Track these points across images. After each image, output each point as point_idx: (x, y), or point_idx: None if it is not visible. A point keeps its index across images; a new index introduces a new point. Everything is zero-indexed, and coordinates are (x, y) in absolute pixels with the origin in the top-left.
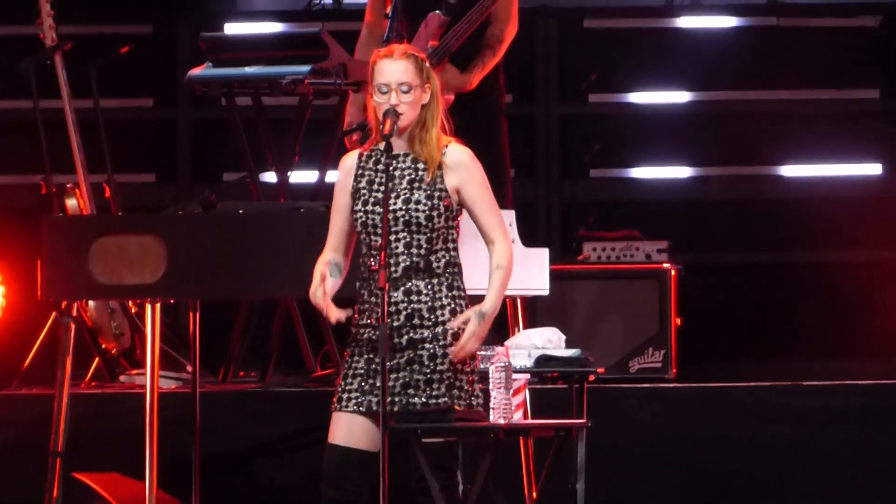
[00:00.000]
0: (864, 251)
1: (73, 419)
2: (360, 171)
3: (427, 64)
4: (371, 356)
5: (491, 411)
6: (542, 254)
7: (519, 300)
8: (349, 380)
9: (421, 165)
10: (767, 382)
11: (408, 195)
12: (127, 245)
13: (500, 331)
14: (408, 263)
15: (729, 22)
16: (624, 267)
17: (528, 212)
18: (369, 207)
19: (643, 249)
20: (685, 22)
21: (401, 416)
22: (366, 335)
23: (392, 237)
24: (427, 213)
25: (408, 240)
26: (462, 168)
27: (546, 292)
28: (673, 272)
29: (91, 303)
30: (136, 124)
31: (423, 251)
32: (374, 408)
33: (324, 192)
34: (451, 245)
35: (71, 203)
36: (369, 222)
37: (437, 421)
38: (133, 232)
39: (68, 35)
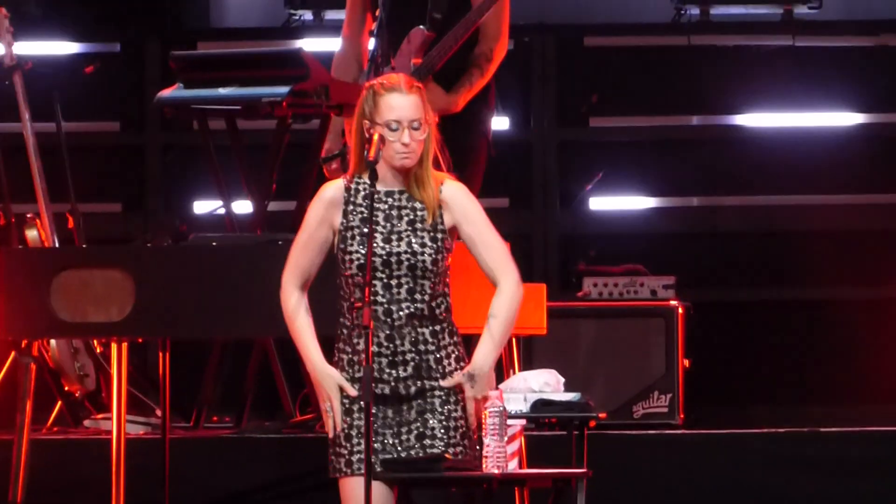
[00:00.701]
0: (887, 288)
1: (33, 467)
2: (349, 207)
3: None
4: (373, 411)
5: (484, 460)
6: (539, 290)
7: (514, 340)
8: (354, 440)
9: (419, 205)
10: (782, 429)
11: (410, 238)
12: (91, 280)
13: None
14: (412, 311)
15: (741, 40)
16: (627, 304)
17: (523, 245)
18: (366, 248)
19: (648, 285)
20: (694, 39)
21: (387, 464)
22: (361, 391)
23: (393, 282)
24: (433, 257)
25: (411, 285)
26: (458, 205)
27: (543, 331)
28: (680, 310)
29: (53, 342)
30: (102, 149)
31: (426, 297)
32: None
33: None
34: (447, 288)
35: (31, 234)
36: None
37: (427, 470)
38: (98, 266)
39: (28, 54)
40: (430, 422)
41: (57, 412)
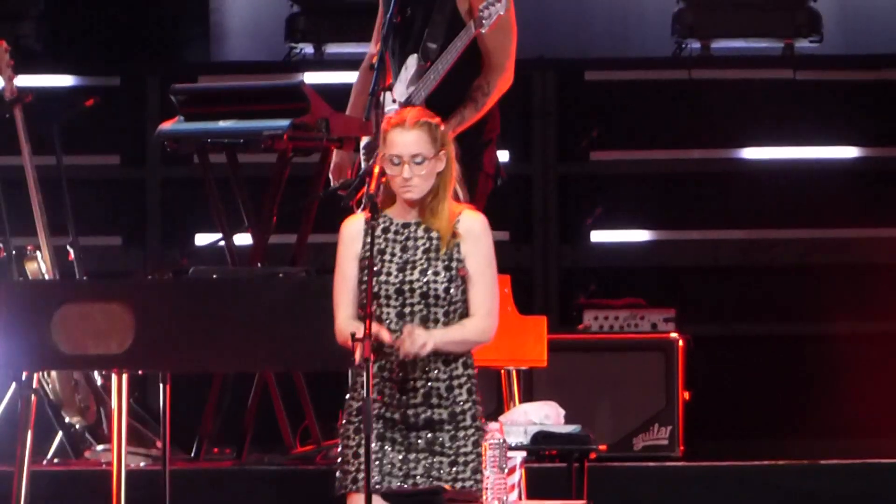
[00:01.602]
0: (889, 322)
1: (33, 498)
2: (367, 239)
3: (442, 129)
4: (382, 432)
5: (484, 492)
6: (540, 323)
7: (514, 372)
8: (361, 458)
9: (434, 234)
10: (781, 461)
11: (424, 266)
12: (92, 313)
13: (494, 405)
14: None
15: (742, 74)
16: (628, 337)
17: (524, 278)
18: (382, 278)
19: (648, 318)
20: (695, 73)
21: (388, 497)
22: (375, 411)
23: (406, 310)
24: (445, 285)
25: (424, 313)
26: (472, 237)
27: (544, 364)
28: (680, 343)
29: (53, 374)
30: (102, 183)
31: (440, 325)
32: (394, 487)
33: (304, 256)
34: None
35: (31, 267)
36: (381, 293)
37: (427, 502)
38: (98, 299)
39: (29, 87)
40: (438, 457)
41: (57, 444)
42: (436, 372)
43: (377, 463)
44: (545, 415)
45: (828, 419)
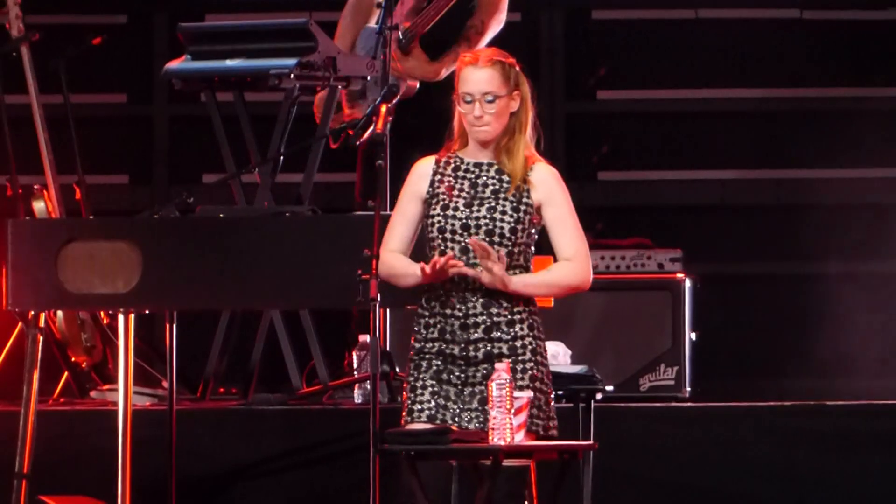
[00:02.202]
0: None
1: (40, 438)
2: (437, 178)
3: (517, 69)
4: (441, 368)
5: (490, 432)
6: (547, 263)
7: None
8: (419, 391)
9: (506, 177)
10: (788, 402)
11: (492, 204)
12: (98, 251)
13: None
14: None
15: (749, 13)
16: (634, 277)
17: None
18: (449, 213)
19: (655, 258)
20: (701, 13)
21: (393, 437)
22: (435, 348)
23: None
24: (512, 225)
25: None
26: (546, 186)
27: (550, 304)
28: (687, 283)
29: (60, 313)
30: (109, 121)
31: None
32: (449, 422)
33: (311, 195)
34: (527, 265)
35: (38, 206)
36: (447, 227)
37: (432, 442)
38: (105, 237)
39: (36, 25)
40: None
41: (63, 383)
42: (498, 307)
43: (433, 395)
44: (552, 355)
45: (835, 359)
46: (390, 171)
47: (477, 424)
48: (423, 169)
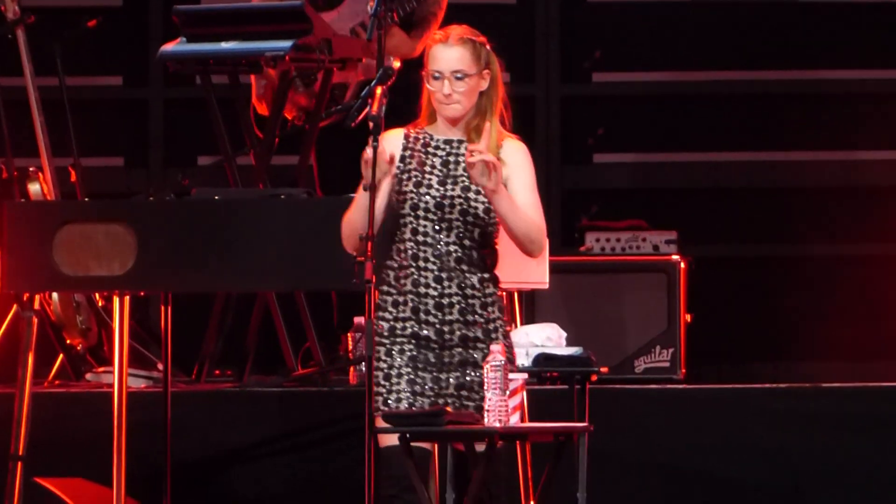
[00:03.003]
0: (891, 244)
1: (35, 420)
2: (407, 153)
3: (487, 48)
4: (415, 353)
5: (485, 414)
6: None
7: (516, 295)
8: (394, 379)
9: None
10: (783, 384)
11: (466, 183)
12: (94, 234)
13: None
14: (459, 255)
15: None
16: (629, 259)
17: None
18: (423, 190)
19: (650, 240)
20: None
21: (388, 418)
22: (408, 329)
23: (444, 224)
24: (486, 205)
25: (461, 230)
26: (514, 160)
27: (545, 286)
28: (682, 265)
29: (55, 295)
30: (104, 104)
31: (476, 244)
32: (427, 408)
33: (305, 178)
34: (496, 244)
35: (33, 188)
36: (420, 204)
37: (427, 424)
38: (100, 220)
39: (31, 8)
40: (471, 374)
41: (58, 366)
42: (472, 289)
43: (409, 383)
44: (546, 337)
45: (830, 341)
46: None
47: (452, 410)
48: (393, 141)
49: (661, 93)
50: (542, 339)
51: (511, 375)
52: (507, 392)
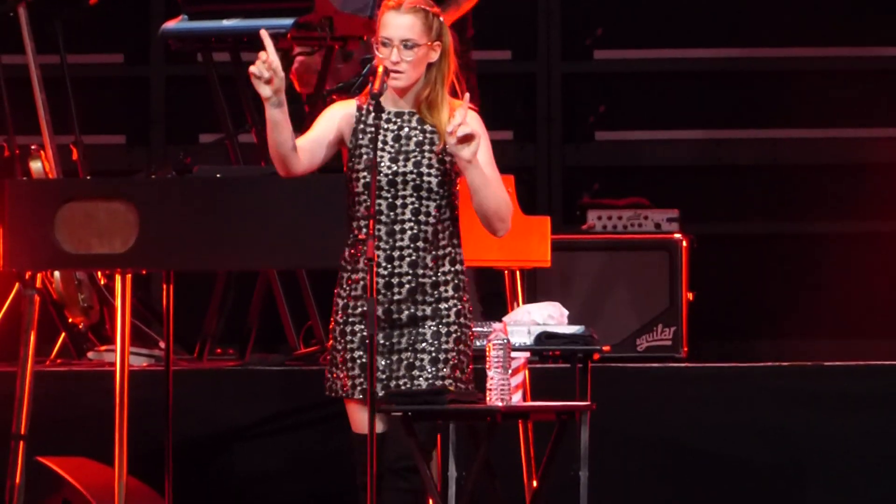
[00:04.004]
0: (894, 222)
1: (37, 399)
2: (360, 126)
3: (440, 19)
4: (366, 334)
5: (488, 392)
6: (544, 222)
7: (518, 273)
8: (349, 364)
9: (428, 128)
10: (786, 363)
11: (418, 158)
12: (95, 211)
13: (497, 306)
14: (415, 232)
15: None
16: (631, 237)
17: (527, 177)
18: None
19: (652, 218)
20: None
21: (390, 397)
22: (359, 309)
23: (398, 202)
24: (440, 178)
25: (416, 206)
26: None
27: (547, 264)
28: (684, 243)
29: (57, 274)
30: (106, 82)
31: (431, 219)
32: (381, 393)
33: None
34: (455, 215)
35: (35, 166)
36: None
37: (430, 403)
38: (102, 197)
39: None
40: (420, 354)
41: (60, 344)
42: (423, 268)
43: (362, 368)
44: (548, 315)
45: (833, 319)
46: None
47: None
48: (347, 110)
49: (662, 70)
50: (543, 317)
51: (513, 354)
52: (510, 370)
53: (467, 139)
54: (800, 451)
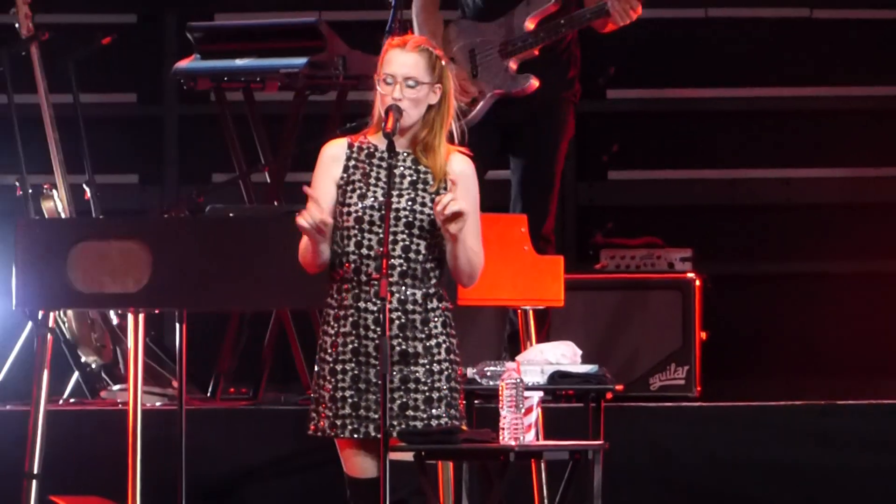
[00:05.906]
0: None
1: (49, 438)
2: (351, 163)
3: (443, 62)
4: (357, 372)
5: (500, 431)
6: (557, 262)
7: (531, 312)
8: (339, 403)
9: (422, 168)
10: (798, 402)
11: (412, 196)
12: (108, 251)
13: (511, 345)
14: (404, 269)
15: (758, 13)
16: (644, 276)
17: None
18: (368, 202)
19: (665, 258)
20: (711, 12)
21: (404, 436)
22: (349, 346)
23: (389, 238)
24: (432, 217)
25: (406, 243)
26: (462, 179)
27: (561, 303)
28: (697, 282)
29: (69, 313)
30: (119, 121)
31: (420, 257)
32: (373, 434)
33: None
34: (442, 257)
35: (48, 205)
36: (366, 218)
37: (443, 442)
38: (115, 237)
39: (45, 25)
40: (414, 394)
41: (73, 384)
42: (413, 304)
43: (353, 407)
44: (562, 354)
45: (846, 359)
46: None
47: (397, 433)
48: (334, 151)
49: (675, 109)
50: (556, 356)
51: (526, 393)
52: (522, 409)
53: (455, 217)
54: (814, 490)
